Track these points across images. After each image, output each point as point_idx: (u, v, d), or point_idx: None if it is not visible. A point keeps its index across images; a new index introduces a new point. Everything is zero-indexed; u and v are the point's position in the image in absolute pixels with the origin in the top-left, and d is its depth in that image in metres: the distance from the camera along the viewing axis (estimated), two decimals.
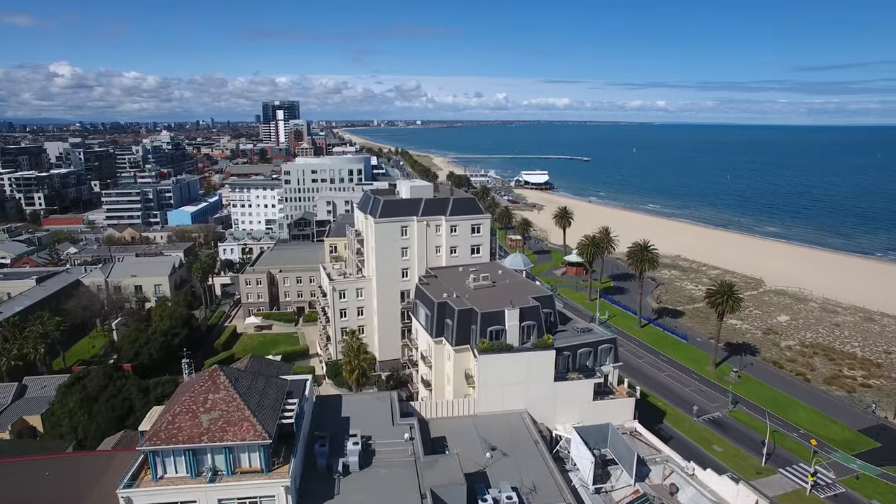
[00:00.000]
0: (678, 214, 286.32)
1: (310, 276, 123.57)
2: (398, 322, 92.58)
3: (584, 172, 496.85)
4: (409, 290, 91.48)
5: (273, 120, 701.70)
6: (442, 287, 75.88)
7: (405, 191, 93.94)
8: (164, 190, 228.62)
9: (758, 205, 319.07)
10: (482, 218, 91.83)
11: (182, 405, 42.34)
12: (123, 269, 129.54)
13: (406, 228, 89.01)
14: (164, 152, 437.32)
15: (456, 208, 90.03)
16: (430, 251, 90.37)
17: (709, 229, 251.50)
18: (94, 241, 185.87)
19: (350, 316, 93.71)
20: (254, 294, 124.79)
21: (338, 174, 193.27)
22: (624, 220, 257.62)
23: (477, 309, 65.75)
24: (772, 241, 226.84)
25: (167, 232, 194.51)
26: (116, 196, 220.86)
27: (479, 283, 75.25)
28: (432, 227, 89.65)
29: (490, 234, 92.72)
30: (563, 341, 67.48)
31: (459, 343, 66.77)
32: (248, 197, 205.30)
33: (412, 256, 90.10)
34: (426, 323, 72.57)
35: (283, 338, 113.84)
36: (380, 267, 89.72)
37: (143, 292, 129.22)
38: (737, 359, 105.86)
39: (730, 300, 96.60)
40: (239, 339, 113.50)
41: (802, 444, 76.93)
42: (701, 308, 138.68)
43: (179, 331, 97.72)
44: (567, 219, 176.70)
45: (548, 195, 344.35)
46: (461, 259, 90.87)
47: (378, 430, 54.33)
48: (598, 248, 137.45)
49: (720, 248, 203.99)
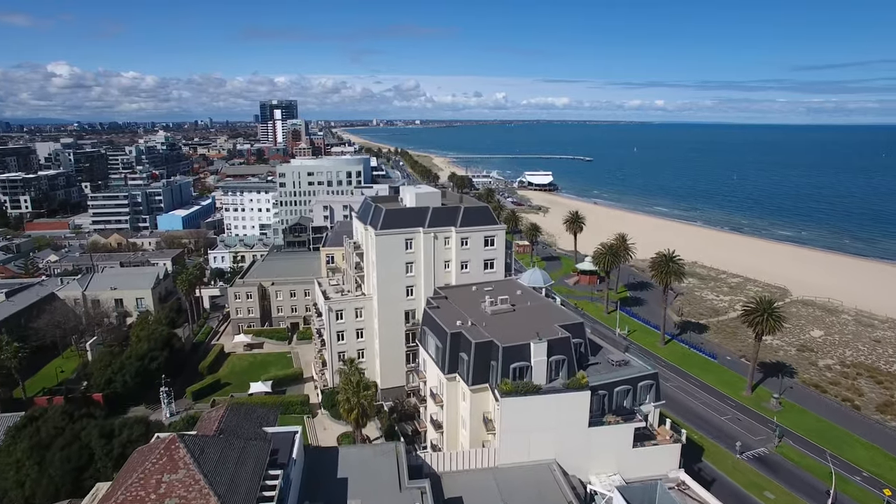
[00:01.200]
0: (687, 217, 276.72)
1: (304, 289, 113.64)
2: (402, 345, 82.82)
3: (586, 173, 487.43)
4: (415, 310, 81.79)
5: (270, 120, 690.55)
6: (454, 312, 66.09)
7: (410, 198, 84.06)
8: (154, 193, 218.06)
9: (768, 207, 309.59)
10: (496, 229, 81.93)
11: (128, 491, 32.42)
12: (103, 280, 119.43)
13: (411, 241, 79.14)
14: (159, 153, 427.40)
15: (467, 218, 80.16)
16: (439, 266, 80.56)
17: (721, 233, 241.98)
18: (77, 247, 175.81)
19: (348, 339, 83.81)
20: (243, 309, 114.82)
21: (335, 176, 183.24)
22: (632, 223, 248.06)
23: (498, 342, 55.88)
24: (788, 246, 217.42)
25: (156, 238, 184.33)
26: (103, 199, 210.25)
27: (498, 308, 65.37)
28: (440, 240, 79.79)
29: (505, 246, 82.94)
30: (598, 378, 57.66)
31: (477, 381, 56.86)
32: (241, 201, 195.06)
33: (418, 273, 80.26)
34: (437, 355, 62.69)
35: (274, 358, 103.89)
36: (381, 284, 79.85)
37: (125, 306, 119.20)
38: (774, 381, 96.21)
39: (770, 319, 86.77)
40: (227, 359, 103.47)
41: (872, 493, 67.12)
42: (726, 322, 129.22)
43: (158, 354, 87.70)
44: (578, 224, 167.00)
45: (552, 196, 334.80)
46: (473, 275, 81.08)
47: (382, 498, 44.67)
48: (616, 258, 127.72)
49: (736, 254, 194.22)
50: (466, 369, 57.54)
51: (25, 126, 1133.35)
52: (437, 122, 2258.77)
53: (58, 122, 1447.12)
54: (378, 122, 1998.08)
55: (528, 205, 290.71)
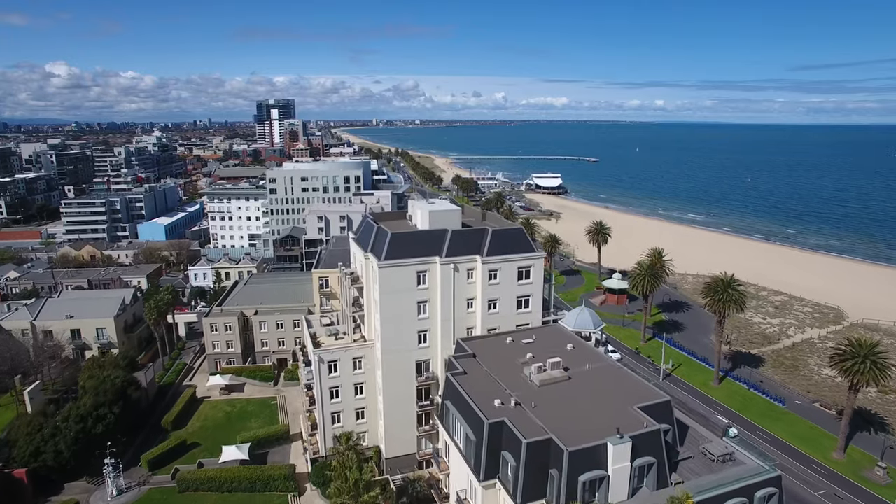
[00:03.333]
0: (709, 223, 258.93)
1: (294, 319, 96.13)
2: (413, 404, 65.37)
3: (593, 174, 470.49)
4: (429, 361, 64.46)
5: (268, 120, 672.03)
6: (487, 381, 48.77)
7: (422, 217, 66.61)
8: (135, 199, 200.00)
9: (790, 212, 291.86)
10: (532, 258, 64.48)
11: None
12: (57, 307, 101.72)
13: (424, 275, 61.69)
14: (150, 154, 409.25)
15: (496, 244, 62.74)
16: (460, 306, 63.15)
17: (748, 241, 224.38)
18: (45, 260, 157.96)
19: (344, 396, 66.36)
20: (221, 342, 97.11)
21: (332, 182, 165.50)
22: (651, 230, 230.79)
23: (561, 444, 38.41)
24: (822, 256, 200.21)
25: (134, 249, 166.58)
26: (78, 206, 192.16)
27: (548, 377, 47.91)
28: (462, 273, 62.37)
29: (543, 279, 65.53)
30: (697, 487, 40.31)
31: (529, 498, 39.49)
32: (229, 208, 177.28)
33: (433, 314, 62.81)
34: (465, 447, 45.27)
35: (256, 407, 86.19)
36: (387, 328, 62.35)
37: (83, 338, 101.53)
38: (867, 438, 78.63)
39: (874, 368, 69.20)
40: (199, 408, 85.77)
41: None
42: (781, 352, 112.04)
43: (107, 412, 69.94)
44: (603, 235, 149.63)
45: (562, 200, 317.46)
46: (503, 317, 63.74)
47: None
48: (656, 279, 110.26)
49: (770, 265, 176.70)
50: (513, 478, 40.07)
51: (23, 126, 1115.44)
52: (436, 122, 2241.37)
53: (56, 122, 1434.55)
54: (378, 122, 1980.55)
55: (538, 210, 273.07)
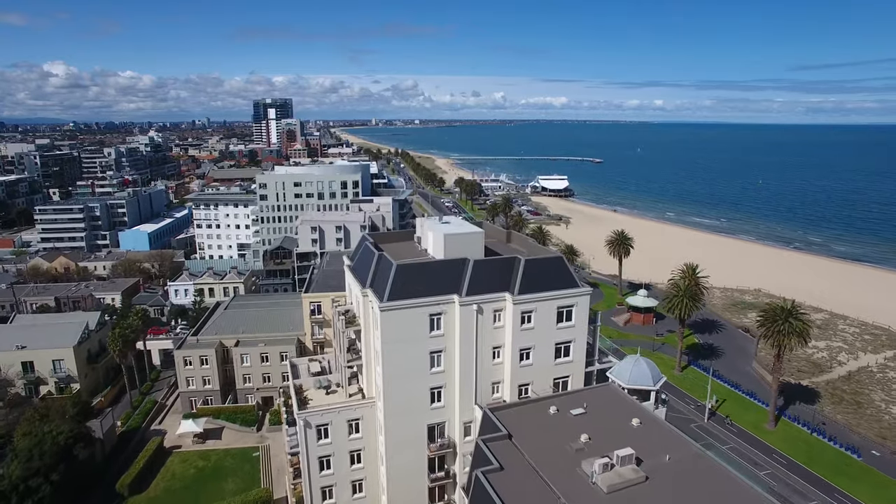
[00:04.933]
0: (723, 228, 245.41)
1: (281, 351, 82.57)
2: (423, 476, 51.76)
3: (598, 176, 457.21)
4: (444, 425, 50.92)
5: (264, 119, 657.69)
6: (530, 478, 35.14)
7: (435, 242, 52.95)
8: (117, 204, 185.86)
9: (808, 216, 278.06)
10: (576, 294, 50.89)
11: None
12: (7, 336, 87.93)
13: (439, 319, 48.09)
14: (142, 155, 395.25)
15: (530, 278, 49.13)
16: (484, 356, 49.61)
17: (769, 248, 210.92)
18: (13, 273, 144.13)
19: (338, 468, 52.75)
20: (197, 378, 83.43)
21: (328, 188, 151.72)
22: (666, 236, 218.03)
23: None
24: (854, 266, 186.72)
25: (112, 260, 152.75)
26: (54, 213, 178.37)
27: (619, 479, 34.24)
28: (487, 315, 48.82)
29: (589, 320, 51.89)
30: None
31: None
32: (216, 215, 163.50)
33: (450, 368, 49.26)
34: None
35: (235, 461, 72.51)
36: (391, 386, 48.73)
37: (37, 371, 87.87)
38: None
39: None
40: (167, 462, 72.11)
41: None
42: (837, 383, 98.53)
43: (42, 482, 56.21)
44: (626, 246, 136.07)
45: (569, 204, 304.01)
46: (539, 369, 50.22)
47: None
48: (695, 301, 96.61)
49: (800, 278, 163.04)
50: None
51: (21, 125, 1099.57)
52: (435, 121, 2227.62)
53: (55, 121, 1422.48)
54: (377, 121, 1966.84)
55: (546, 214, 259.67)
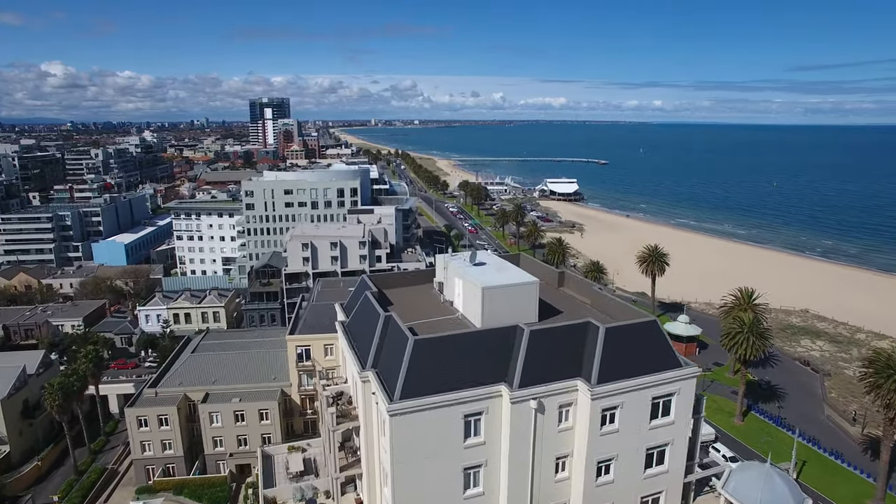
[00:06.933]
0: (750, 238, 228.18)
1: (260, 407, 66.16)
2: None
3: (605, 178, 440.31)
4: None
5: (261, 119, 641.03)
6: None
7: (466, 296, 36.49)
8: (91, 212, 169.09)
9: (834, 223, 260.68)
10: (678, 378, 34.47)
11: None
12: None
13: (478, 422, 31.71)
14: (131, 156, 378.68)
15: (614, 355, 32.71)
16: (544, 472, 33.25)
17: (807, 260, 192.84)
18: None
19: None
20: (154, 442, 66.81)
21: (322, 196, 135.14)
22: (690, 246, 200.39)
23: None
24: None
25: (81, 276, 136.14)
26: (18, 222, 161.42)
27: None
28: (550, 412, 32.45)
29: (694, 408, 35.66)
30: None
31: None
32: (198, 226, 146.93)
33: (493, 490, 32.91)
34: None
35: None
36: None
37: None
38: None
39: None
40: None
41: None
42: None
43: None
44: (661, 262, 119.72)
45: (580, 209, 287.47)
46: (622, 487, 33.95)
47: None
48: (762, 340, 79.85)
49: (855, 298, 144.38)
50: None
51: (18, 126, 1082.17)
52: (435, 121, 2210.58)
53: (53, 121, 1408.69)
54: (376, 122, 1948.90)
55: (557, 221, 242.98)
